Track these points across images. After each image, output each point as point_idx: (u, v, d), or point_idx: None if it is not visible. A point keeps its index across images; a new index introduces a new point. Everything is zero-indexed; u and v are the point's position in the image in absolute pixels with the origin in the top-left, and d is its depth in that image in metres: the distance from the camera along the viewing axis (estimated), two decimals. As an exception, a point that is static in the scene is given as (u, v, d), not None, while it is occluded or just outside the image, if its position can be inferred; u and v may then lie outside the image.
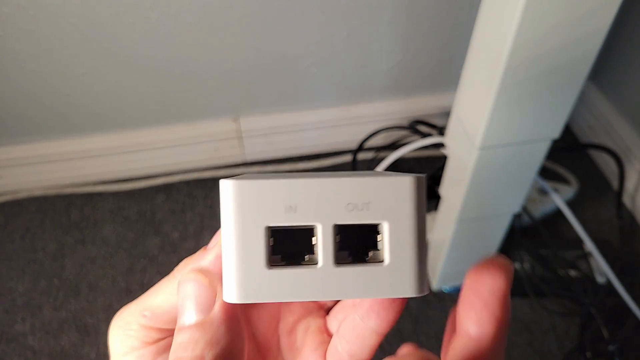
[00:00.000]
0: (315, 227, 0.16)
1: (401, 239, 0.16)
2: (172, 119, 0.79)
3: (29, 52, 0.66)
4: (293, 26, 0.69)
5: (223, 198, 0.16)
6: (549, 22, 0.40)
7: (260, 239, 0.16)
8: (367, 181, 0.16)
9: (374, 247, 0.17)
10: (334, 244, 0.16)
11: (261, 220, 0.16)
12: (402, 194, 0.16)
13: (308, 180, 0.16)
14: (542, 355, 0.66)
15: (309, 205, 0.16)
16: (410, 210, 0.17)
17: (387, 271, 0.16)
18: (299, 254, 0.17)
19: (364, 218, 0.16)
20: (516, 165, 0.53)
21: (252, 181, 0.16)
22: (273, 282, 0.16)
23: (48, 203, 0.81)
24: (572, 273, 0.68)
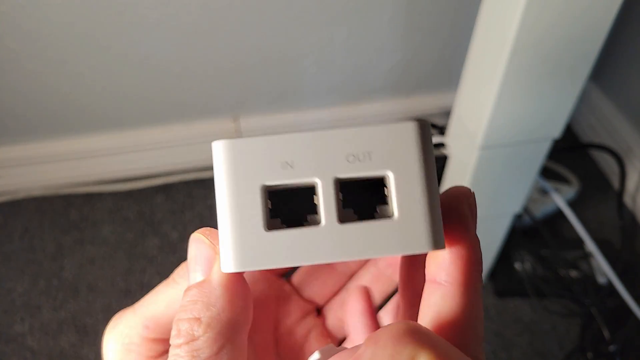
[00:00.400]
0: (315, 183, 0.15)
1: (409, 189, 0.15)
2: (171, 118, 0.79)
3: (27, 51, 0.66)
4: (293, 25, 0.69)
5: (215, 160, 0.15)
6: (550, 20, 0.40)
7: (256, 199, 0.15)
8: (367, 130, 0.15)
9: (381, 201, 0.16)
10: (336, 200, 0.15)
11: (256, 180, 0.15)
12: (406, 140, 0.15)
13: (304, 134, 0.15)
14: (543, 355, 0.65)
15: (306, 159, 0.15)
16: (416, 157, 0.15)
17: (398, 226, 0.15)
18: (300, 215, 0.16)
19: (367, 169, 0.15)
20: (517, 165, 0.52)
21: (245, 139, 0.15)
22: (273, 246, 0.15)
23: (47, 203, 0.81)
24: (573, 273, 0.68)
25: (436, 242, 0.15)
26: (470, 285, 0.15)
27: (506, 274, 0.71)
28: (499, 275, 0.71)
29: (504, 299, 0.70)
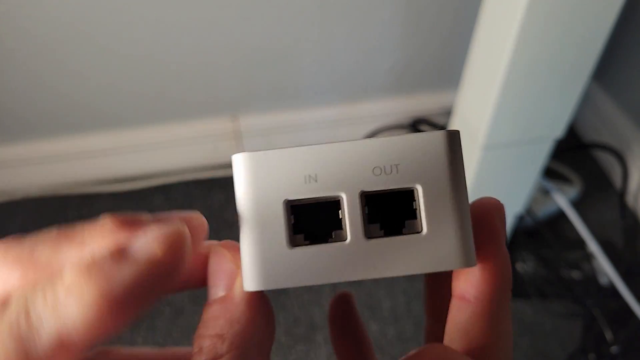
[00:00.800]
0: (340, 197, 0.15)
1: (439, 203, 0.14)
2: (170, 118, 0.78)
3: (25, 51, 0.65)
4: (293, 24, 0.69)
5: (236, 173, 0.15)
6: (552, 20, 0.39)
7: (279, 215, 0.15)
8: (394, 140, 0.15)
9: (409, 215, 0.15)
10: (362, 215, 0.15)
11: (279, 194, 0.15)
12: (435, 151, 0.15)
13: (328, 146, 0.15)
14: (545, 357, 0.65)
15: (330, 173, 0.15)
16: (446, 169, 0.15)
17: (427, 242, 0.14)
18: (325, 231, 0.15)
19: (394, 183, 0.15)
20: (519, 165, 0.52)
21: (266, 152, 0.15)
22: (297, 264, 0.15)
23: (44, 204, 0.80)
24: (575, 274, 0.68)
25: (468, 260, 0.15)
26: (501, 304, 0.15)
27: (508, 275, 0.70)
28: (500, 276, 0.70)
29: (505, 300, 0.69)
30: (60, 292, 0.12)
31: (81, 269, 0.12)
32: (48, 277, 0.13)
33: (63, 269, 0.13)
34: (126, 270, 0.13)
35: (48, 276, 0.13)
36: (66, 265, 0.13)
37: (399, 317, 0.67)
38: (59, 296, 0.12)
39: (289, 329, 0.67)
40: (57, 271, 0.13)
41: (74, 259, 0.14)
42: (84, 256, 0.14)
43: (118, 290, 0.12)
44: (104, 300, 0.12)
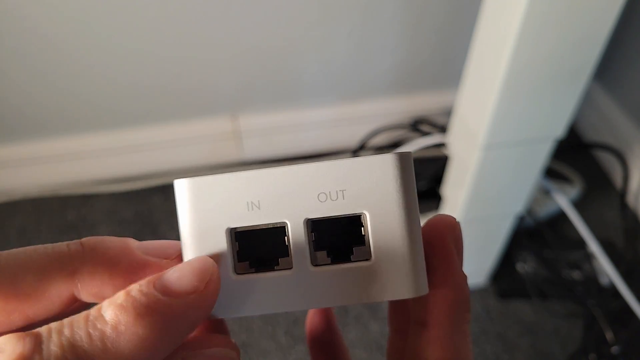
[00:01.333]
0: (285, 224, 0.14)
1: (388, 230, 0.14)
2: (169, 118, 0.78)
3: (25, 51, 0.65)
4: (293, 23, 0.68)
5: (178, 200, 0.14)
6: (553, 19, 0.39)
7: (222, 243, 0.14)
8: (340, 165, 0.14)
9: (357, 242, 0.14)
10: (308, 242, 0.14)
11: (221, 222, 0.14)
12: (383, 175, 0.14)
13: (270, 170, 0.14)
14: (545, 357, 0.65)
15: (273, 199, 0.14)
16: (395, 194, 0.14)
17: (376, 270, 0.14)
18: (271, 258, 0.14)
19: (340, 209, 0.14)
20: (519, 165, 0.52)
21: (207, 177, 0.14)
22: (242, 293, 0.14)
23: (44, 204, 0.80)
24: (576, 274, 0.67)
25: (418, 288, 0.14)
26: (456, 329, 0.14)
27: (508, 275, 0.70)
28: (501, 277, 0.70)
29: (506, 300, 0.69)
30: (107, 331, 0.12)
31: (125, 305, 0.12)
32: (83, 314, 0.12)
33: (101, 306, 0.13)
34: (175, 305, 0.13)
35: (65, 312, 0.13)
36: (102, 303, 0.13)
37: (399, 318, 0.67)
38: (107, 334, 0.12)
39: (289, 329, 0.66)
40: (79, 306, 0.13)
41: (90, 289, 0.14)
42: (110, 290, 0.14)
43: (170, 325, 0.12)
44: (156, 336, 0.12)
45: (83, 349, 0.12)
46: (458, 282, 0.15)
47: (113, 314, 0.12)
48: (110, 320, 0.12)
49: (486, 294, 0.70)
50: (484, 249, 0.65)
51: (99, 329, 0.12)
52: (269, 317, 0.68)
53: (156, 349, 0.12)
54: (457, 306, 0.15)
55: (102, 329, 0.12)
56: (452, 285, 0.15)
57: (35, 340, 0.12)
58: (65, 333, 0.12)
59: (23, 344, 0.11)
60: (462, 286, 0.15)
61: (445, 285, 0.15)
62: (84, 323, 0.12)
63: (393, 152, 0.14)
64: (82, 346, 0.12)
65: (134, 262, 0.15)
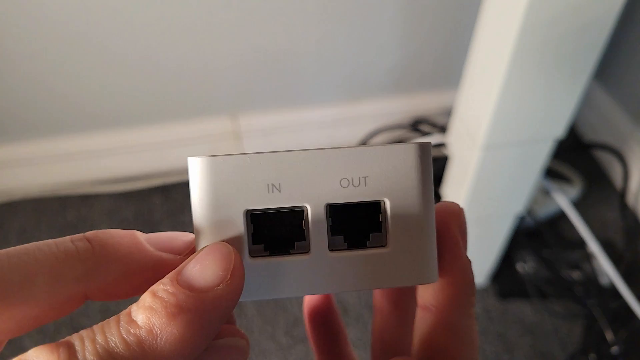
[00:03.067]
0: (304, 208, 0.14)
1: (406, 219, 0.14)
2: (169, 117, 0.78)
3: (25, 51, 0.65)
4: (293, 22, 0.68)
5: (192, 179, 0.14)
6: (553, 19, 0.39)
7: (239, 225, 0.14)
8: (364, 152, 0.14)
9: (375, 228, 0.14)
10: (327, 227, 0.14)
11: (240, 204, 0.14)
12: (405, 164, 0.14)
13: (293, 153, 0.14)
14: (545, 357, 0.65)
15: (295, 182, 0.14)
16: (416, 184, 0.14)
17: (391, 257, 0.14)
18: (287, 242, 0.14)
19: (361, 195, 0.14)
20: (520, 165, 0.52)
21: (227, 157, 0.14)
22: (256, 276, 0.14)
23: (44, 204, 0.80)
24: (576, 274, 0.68)
25: (430, 276, 0.14)
26: (462, 313, 0.15)
27: (508, 275, 0.70)
28: (501, 277, 0.70)
29: (506, 300, 0.69)
30: (143, 335, 0.12)
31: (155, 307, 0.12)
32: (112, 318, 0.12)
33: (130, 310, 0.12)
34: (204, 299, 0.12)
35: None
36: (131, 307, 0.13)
37: (399, 318, 0.67)
38: (143, 338, 0.12)
39: (289, 329, 0.66)
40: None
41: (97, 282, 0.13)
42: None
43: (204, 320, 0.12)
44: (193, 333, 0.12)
45: (121, 355, 0.11)
46: (463, 267, 0.15)
47: (145, 318, 0.12)
48: (144, 324, 0.12)
49: (486, 294, 0.70)
50: (484, 249, 0.65)
51: (133, 334, 0.12)
52: (269, 317, 0.68)
53: (194, 346, 0.12)
54: (463, 291, 0.15)
55: (137, 334, 0.12)
56: (458, 271, 0.15)
57: (69, 350, 0.11)
58: (99, 340, 0.12)
59: (58, 356, 0.11)
60: (467, 271, 0.15)
61: (452, 270, 0.15)
62: (116, 329, 0.12)
63: (415, 142, 0.14)
64: (120, 352, 0.11)
65: (147, 258, 0.14)
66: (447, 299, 0.15)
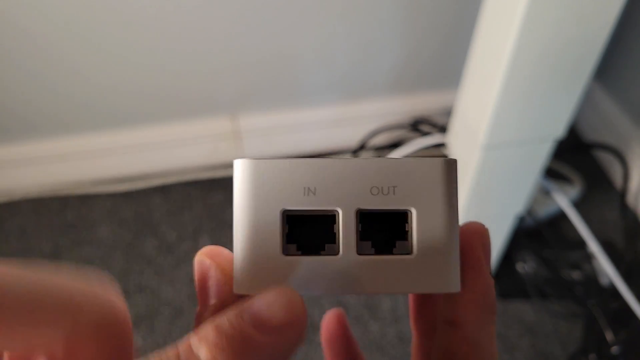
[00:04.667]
0: (336, 212, 0.15)
1: (431, 228, 0.15)
2: (169, 117, 0.78)
3: (25, 50, 0.65)
4: (293, 23, 0.68)
5: (236, 178, 0.15)
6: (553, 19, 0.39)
7: (275, 223, 0.15)
8: (394, 163, 0.15)
9: (401, 236, 0.15)
10: (356, 231, 0.15)
11: (277, 203, 0.15)
12: (432, 177, 0.15)
13: (329, 161, 0.15)
14: (546, 357, 0.65)
15: (329, 188, 0.15)
16: (441, 196, 0.15)
17: (415, 264, 0.15)
18: (318, 243, 0.15)
19: (390, 204, 0.15)
20: (520, 165, 0.52)
21: (269, 160, 0.15)
22: (287, 272, 0.15)
23: (44, 204, 0.80)
24: (576, 274, 0.67)
25: (453, 285, 0.15)
26: (484, 329, 0.15)
27: (508, 275, 0.70)
28: (501, 277, 0.70)
29: (506, 300, 0.69)
30: None
31: (219, 343, 0.12)
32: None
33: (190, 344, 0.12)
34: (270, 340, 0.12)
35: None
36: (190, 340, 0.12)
37: (399, 317, 0.67)
38: None
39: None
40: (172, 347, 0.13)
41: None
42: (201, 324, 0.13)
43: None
44: None
45: None
46: (486, 286, 0.16)
47: (209, 354, 0.12)
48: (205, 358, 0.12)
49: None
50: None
51: None
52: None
53: None
54: (485, 308, 0.15)
55: None
56: (480, 289, 0.15)
57: None
58: None
59: None
60: (489, 290, 0.16)
61: (475, 287, 0.15)
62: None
63: (442, 157, 0.15)
64: None
65: None
66: (469, 314, 0.15)
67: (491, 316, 0.15)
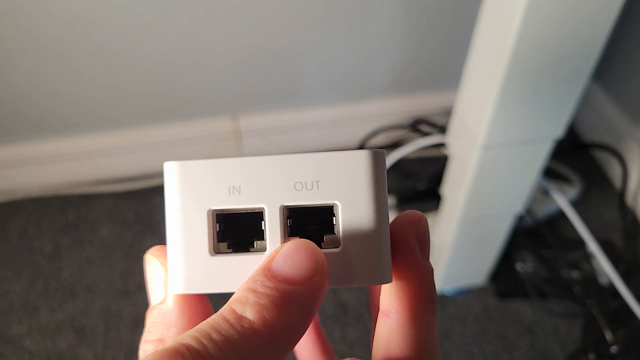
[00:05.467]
0: (262, 209, 0.15)
1: (357, 221, 0.15)
2: (169, 117, 0.78)
3: (25, 51, 0.65)
4: (293, 23, 0.69)
5: (166, 180, 0.15)
6: (552, 20, 0.39)
7: (203, 223, 0.15)
8: (317, 158, 0.15)
9: (329, 230, 0.15)
10: (282, 227, 0.15)
11: (204, 203, 0.15)
12: (357, 170, 0.15)
13: (252, 159, 0.15)
14: (545, 357, 0.65)
15: (253, 185, 0.15)
16: (366, 188, 0.15)
17: (344, 257, 0.15)
18: (248, 240, 0.16)
19: (314, 198, 0.15)
20: (519, 165, 0.52)
21: (195, 161, 0.15)
22: (219, 270, 0.15)
23: (45, 204, 0.80)
24: (575, 274, 0.68)
25: (382, 277, 0.15)
26: (417, 319, 0.15)
27: (507, 275, 0.70)
28: (500, 276, 0.70)
29: (505, 300, 0.70)
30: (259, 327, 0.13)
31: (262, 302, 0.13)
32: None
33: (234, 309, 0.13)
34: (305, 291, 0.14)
35: None
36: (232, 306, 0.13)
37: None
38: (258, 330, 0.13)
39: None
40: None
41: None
42: None
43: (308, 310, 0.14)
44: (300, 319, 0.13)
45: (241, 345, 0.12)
46: (420, 275, 0.15)
47: (256, 312, 0.13)
48: (256, 318, 0.13)
49: (485, 294, 0.70)
50: (483, 249, 0.65)
51: (248, 328, 0.13)
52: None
53: (301, 331, 0.13)
54: (419, 298, 0.15)
55: (252, 326, 0.13)
56: (413, 278, 0.15)
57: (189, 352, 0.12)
58: (215, 337, 0.12)
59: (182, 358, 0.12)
60: (424, 278, 0.16)
61: (407, 277, 0.15)
62: (228, 325, 0.13)
63: (367, 149, 0.15)
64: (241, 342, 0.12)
65: None
66: (401, 305, 0.15)
67: (428, 306, 0.15)
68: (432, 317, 0.15)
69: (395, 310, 0.15)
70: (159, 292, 0.16)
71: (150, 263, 0.17)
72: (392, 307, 0.15)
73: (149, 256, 0.17)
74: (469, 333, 0.67)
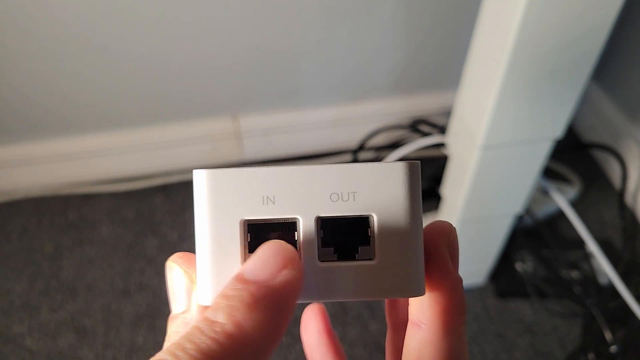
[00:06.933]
0: (296, 220, 0.15)
1: (393, 234, 0.15)
2: (170, 118, 0.79)
3: (25, 51, 0.66)
4: (293, 24, 0.69)
5: (196, 189, 0.15)
6: (551, 20, 0.40)
7: (235, 234, 0.15)
8: (353, 168, 0.15)
9: (363, 242, 0.15)
10: (317, 238, 0.15)
11: (236, 213, 0.15)
12: (393, 181, 0.15)
13: (287, 169, 0.15)
14: (544, 356, 0.65)
15: (288, 195, 0.15)
16: (402, 200, 0.15)
17: (377, 270, 0.15)
18: None
19: (350, 209, 0.15)
20: (518, 165, 0.52)
21: (227, 170, 0.15)
22: None
23: (45, 203, 0.80)
24: (574, 274, 0.68)
25: (417, 289, 0.15)
26: (450, 330, 0.15)
27: (507, 275, 0.70)
28: (500, 276, 0.71)
29: (505, 299, 0.70)
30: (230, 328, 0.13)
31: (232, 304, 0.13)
32: None
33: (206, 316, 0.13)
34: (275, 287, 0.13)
35: None
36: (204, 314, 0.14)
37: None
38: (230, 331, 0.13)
39: (289, 329, 0.66)
40: None
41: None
42: None
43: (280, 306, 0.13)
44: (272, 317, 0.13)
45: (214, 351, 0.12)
46: (452, 285, 0.15)
47: (227, 315, 0.13)
48: (228, 320, 0.13)
49: (485, 294, 0.70)
50: (483, 249, 0.65)
51: (220, 331, 0.12)
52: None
53: (276, 328, 0.13)
54: (451, 308, 0.15)
55: (224, 329, 0.13)
56: (446, 288, 0.15)
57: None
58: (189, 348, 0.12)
59: None
60: (456, 289, 0.15)
61: (440, 288, 0.15)
62: (201, 333, 0.13)
63: (403, 161, 0.15)
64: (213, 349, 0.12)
65: None
66: (434, 315, 0.15)
67: (459, 317, 0.15)
68: (463, 328, 0.15)
69: (428, 321, 0.15)
70: (181, 300, 0.16)
71: (172, 270, 0.16)
72: (424, 318, 0.15)
73: (171, 263, 0.16)
74: (468, 333, 0.67)
